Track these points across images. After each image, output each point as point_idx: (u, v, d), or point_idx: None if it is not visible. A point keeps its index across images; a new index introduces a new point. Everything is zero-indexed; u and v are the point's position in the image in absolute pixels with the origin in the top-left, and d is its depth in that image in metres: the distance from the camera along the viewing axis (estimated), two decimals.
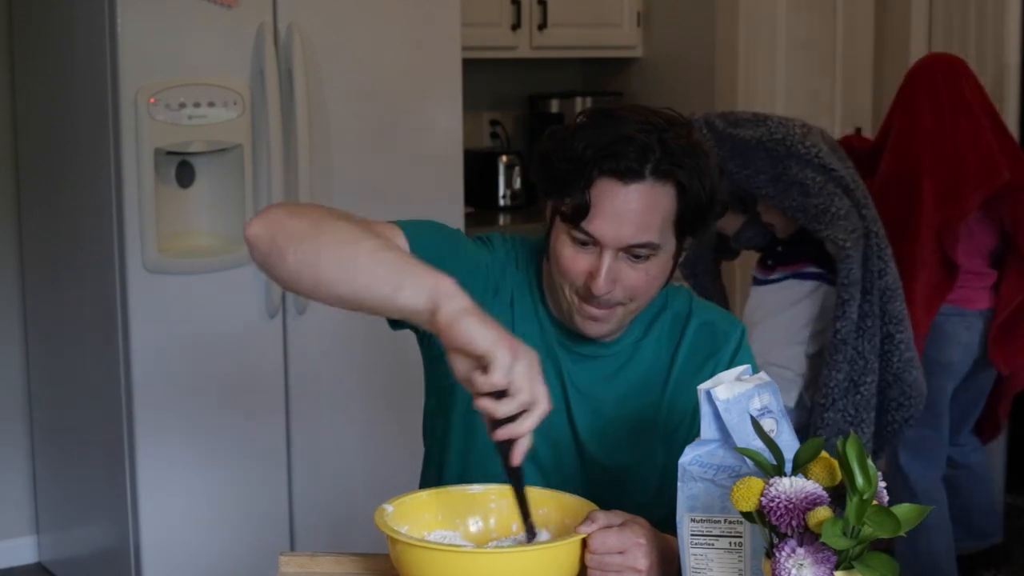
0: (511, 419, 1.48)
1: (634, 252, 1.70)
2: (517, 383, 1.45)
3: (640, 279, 1.72)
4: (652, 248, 1.70)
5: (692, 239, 1.77)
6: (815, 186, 3.02)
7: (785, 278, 3.19)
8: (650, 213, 1.68)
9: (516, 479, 1.57)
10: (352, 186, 3.60)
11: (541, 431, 1.80)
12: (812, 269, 3.14)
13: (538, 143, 1.77)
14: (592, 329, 1.77)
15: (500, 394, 1.46)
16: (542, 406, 1.47)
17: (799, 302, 3.16)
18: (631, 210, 1.67)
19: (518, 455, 1.50)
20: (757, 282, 3.25)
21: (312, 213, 1.62)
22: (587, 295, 1.73)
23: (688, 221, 1.72)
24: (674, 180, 1.68)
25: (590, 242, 1.70)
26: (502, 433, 1.48)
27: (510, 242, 1.88)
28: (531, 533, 1.59)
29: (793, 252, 3.17)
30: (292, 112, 3.45)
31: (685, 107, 1.86)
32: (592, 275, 1.70)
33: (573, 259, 1.72)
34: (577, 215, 1.68)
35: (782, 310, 3.17)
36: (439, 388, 1.89)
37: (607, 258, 1.70)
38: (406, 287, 1.49)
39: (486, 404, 1.47)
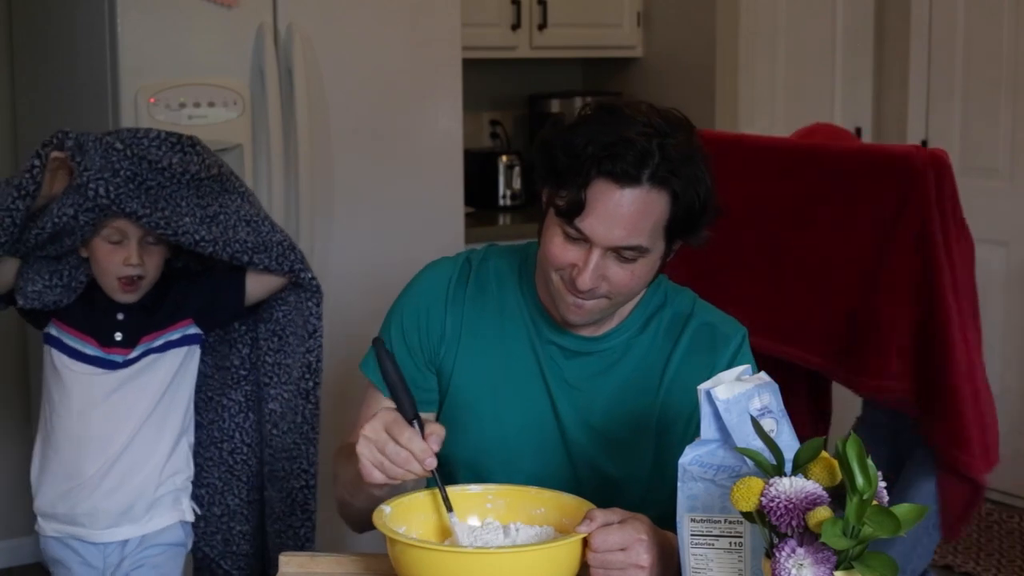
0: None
1: (622, 253, 1.72)
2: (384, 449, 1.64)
3: (625, 278, 1.75)
4: (640, 251, 1.73)
5: (683, 243, 1.79)
6: (265, 222, 2.39)
7: (155, 350, 2.37)
8: (642, 218, 1.70)
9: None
10: (352, 186, 3.60)
11: (524, 429, 1.83)
12: (192, 330, 2.43)
13: (541, 130, 1.80)
14: (574, 317, 1.79)
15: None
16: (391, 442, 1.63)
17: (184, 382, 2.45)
18: (624, 214, 1.69)
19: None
20: (113, 365, 2.35)
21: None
22: (572, 285, 1.75)
23: (679, 227, 1.74)
24: (669, 188, 1.70)
25: (581, 238, 1.72)
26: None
27: (479, 254, 1.94)
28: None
29: (162, 313, 2.38)
30: (292, 112, 3.45)
31: (685, 107, 1.87)
32: (579, 269, 1.73)
33: (563, 250, 1.74)
34: (571, 211, 1.70)
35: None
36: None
37: (595, 255, 1.72)
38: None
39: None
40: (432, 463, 1.62)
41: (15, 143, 3.93)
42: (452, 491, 1.71)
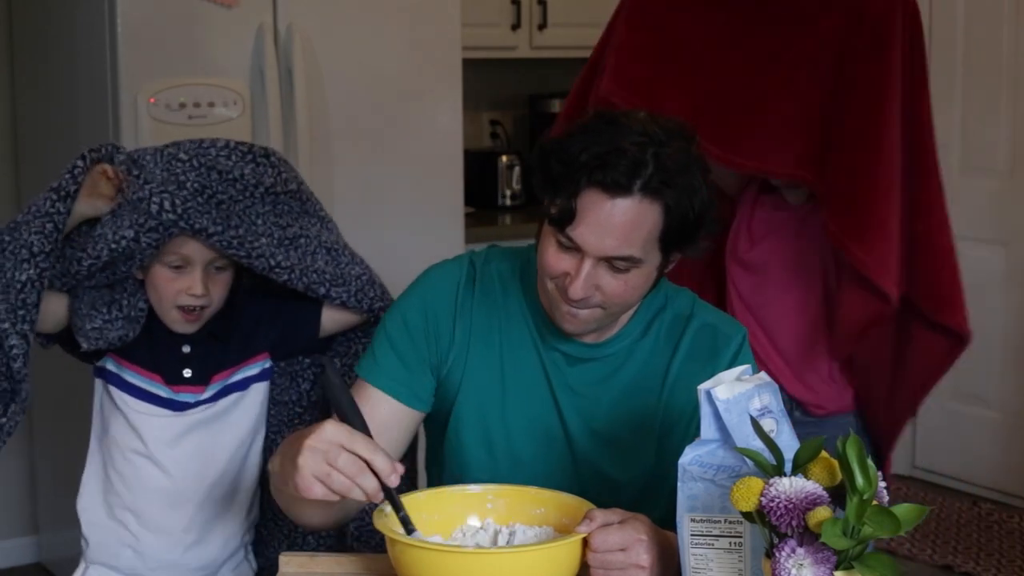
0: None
1: (614, 263, 1.71)
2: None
3: (619, 288, 1.73)
4: (633, 261, 1.71)
5: (680, 254, 1.78)
6: (344, 252, 2.17)
7: (234, 387, 2.13)
8: (634, 228, 1.69)
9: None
10: (352, 186, 3.60)
11: (530, 435, 1.83)
12: (268, 363, 2.16)
13: (541, 136, 1.78)
14: (570, 326, 1.79)
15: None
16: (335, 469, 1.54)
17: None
18: (614, 224, 1.68)
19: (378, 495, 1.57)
20: (184, 405, 2.10)
21: None
22: (565, 294, 1.74)
23: (673, 238, 1.72)
24: (661, 199, 1.68)
25: (573, 247, 1.71)
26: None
27: (481, 256, 1.92)
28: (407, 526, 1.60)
29: (233, 346, 2.12)
30: (292, 112, 3.45)
31: None
32: (571, 278, 1.72)
33: (556, 259, 1.74)
34: (562, 220, 1.69)
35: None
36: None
37: (587, 265, 1.71)
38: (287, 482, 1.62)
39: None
40: (396, 479, 1.54)
41: (15, 143, 3.93)
42: (453, 490, 1.72)
